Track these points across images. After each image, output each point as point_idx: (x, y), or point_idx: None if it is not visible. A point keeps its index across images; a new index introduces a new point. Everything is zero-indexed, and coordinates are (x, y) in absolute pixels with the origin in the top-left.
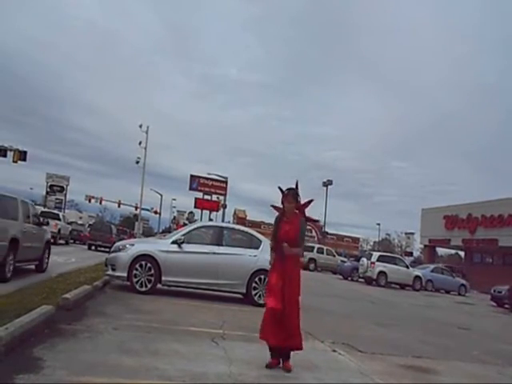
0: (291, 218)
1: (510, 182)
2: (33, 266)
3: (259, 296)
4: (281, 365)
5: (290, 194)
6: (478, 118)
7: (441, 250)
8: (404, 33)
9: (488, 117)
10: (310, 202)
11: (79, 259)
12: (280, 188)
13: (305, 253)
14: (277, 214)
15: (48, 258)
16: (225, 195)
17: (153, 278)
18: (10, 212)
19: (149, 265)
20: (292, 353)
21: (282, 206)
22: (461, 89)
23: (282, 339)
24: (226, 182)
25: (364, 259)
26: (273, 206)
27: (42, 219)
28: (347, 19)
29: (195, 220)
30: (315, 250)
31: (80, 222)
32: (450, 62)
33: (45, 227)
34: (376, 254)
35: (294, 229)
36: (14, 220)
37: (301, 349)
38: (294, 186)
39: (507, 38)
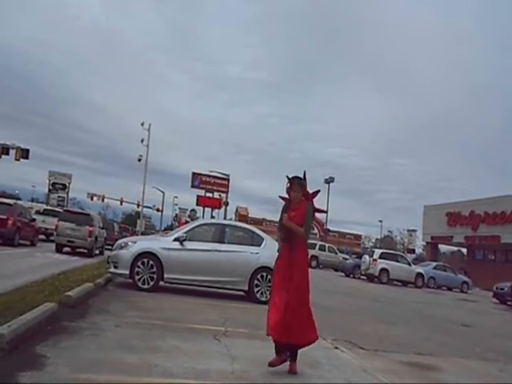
0: (297, 206)
1: None
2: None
3: (261, 293)
4: (287, 367)
5: (296, 183)
6: (479, 115)
7: (443, 247)
8: (404, 31)
9: (489, 113)
10: (317, 192)
11: (81, 257)
12: (287, 176)
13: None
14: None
15: (105, 248)
16: (227, 193)
17: (155, 276)
18: (93, 223)
19: (151, 262)
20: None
21: (288, 196)
22: (461, 86)
23: (294, 336)
24: (227, 180)
25: (366, 256)
26: (281, 196)
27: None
28: (349, 18)
29: (197, 217)
30: (317, 247)
31: None
32: (449, 60)
33: (103, 230)
34: (378, 251)
35: (300, 214)
36: (95, 227)
37: (316, 338)
38: (300, 176)
39: (505, 36)
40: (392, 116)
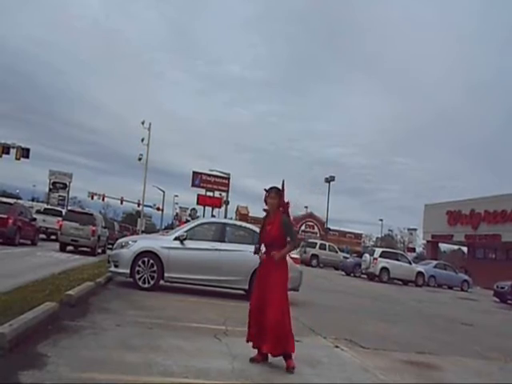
0: (273, 217)
1: None
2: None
3: None
4: (284, 364)
5: (273, 191)
6: (479, 114)
7: (444, 246)
8: (405, 30)
9: (490, 112)
10: (287, 203)
11: (82, 256)
12: (265, 189)
13: (307, 249)
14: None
15: (107, 246)
16: (227, 192)
17: (155, 275)
18: (96, 222)
19: (151, 261)
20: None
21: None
22: (462, 85)
23: (277, 347)
24: (228, 179)
25: (366, 255)
26: (264, 209)
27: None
28: (349, 16)
29: (197, 216)
30: (317, 246)
31: None
32: (450, 59)
33: (106, 229)
34: (378, 250)
35: (276, 227)
36: (98, 226)
37: (293, 352)
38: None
39: (506, 34)
40: (393, 115)
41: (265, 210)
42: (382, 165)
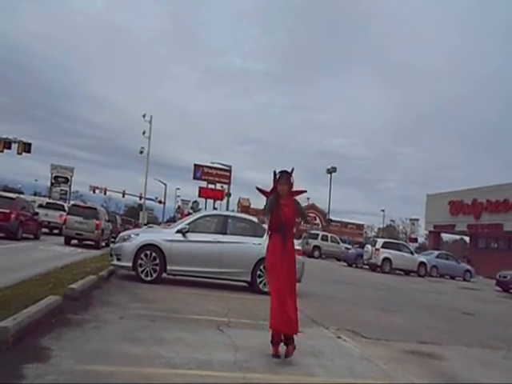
0: (286, 201)
1: None
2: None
3: (264, 284)
4: (283, 350)
5: (283, 177)
6: (481, 103)
7: (446, 236)
8: (405, 20)
9: (492, 102)
10: (302, 191)
11: (85, 249)
12: (274, 172)
13: (309, 240)
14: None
15: (110, 240)
16: (229, 184)
17: (158, 268)
18: (100, 216)
19: (154, 254)
20: (296, 338)
21: (270, 190)
22: (463, 75)
23: (289, 326)
24: (229, 171)
25: (368, 246)
26: (258, 188)
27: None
28: (349, 7)
29: (199, 209)
30: (319, 237)
31: None
32: (451, 49)
33: (109, 223)
34: (380, 241)
35: (291, 210)
36: (102, 220)
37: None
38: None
39: (508, 24)
40: (394, 105)
41: (259, 189)
42: (383, 155)
